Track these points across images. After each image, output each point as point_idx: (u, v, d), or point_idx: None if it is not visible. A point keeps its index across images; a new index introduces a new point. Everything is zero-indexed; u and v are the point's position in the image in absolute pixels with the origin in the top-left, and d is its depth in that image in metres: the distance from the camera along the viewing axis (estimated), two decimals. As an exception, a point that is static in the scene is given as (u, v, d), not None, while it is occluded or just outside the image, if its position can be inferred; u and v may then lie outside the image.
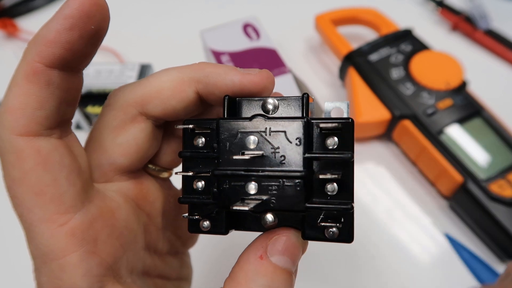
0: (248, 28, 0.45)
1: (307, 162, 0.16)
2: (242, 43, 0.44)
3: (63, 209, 0.15)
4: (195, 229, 0.18)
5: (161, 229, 0.21)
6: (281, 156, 0.16)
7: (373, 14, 0.49)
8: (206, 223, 0.18)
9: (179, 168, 0.22)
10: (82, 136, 0.18)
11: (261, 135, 0.16)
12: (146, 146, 0.19)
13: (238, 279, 0.16)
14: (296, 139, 0.16)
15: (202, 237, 0.25)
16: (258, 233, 0.18)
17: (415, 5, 0.57)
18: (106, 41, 0.21)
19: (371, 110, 0.40)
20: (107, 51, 0.50)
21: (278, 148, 0.16)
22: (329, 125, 0.16)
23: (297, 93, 0.40)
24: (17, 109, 0.14)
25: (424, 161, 0.39)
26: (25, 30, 0.54)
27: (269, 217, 0.17)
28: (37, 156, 0.15)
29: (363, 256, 0.36)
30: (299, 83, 0.42)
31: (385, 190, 0.40)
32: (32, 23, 0.56)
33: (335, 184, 0.16)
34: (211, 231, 0.18)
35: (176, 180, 0.23)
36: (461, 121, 0.38)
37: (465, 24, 0.52)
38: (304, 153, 0.16)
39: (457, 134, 0.37)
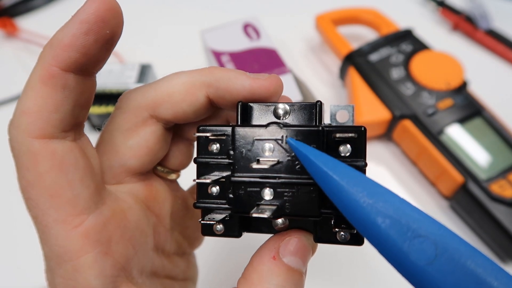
0: (248, 28, 0.45)
1: None
2: (242, 43, 0.44)
3: (77, 210, 0.15)
4: (209, 232, 0.18)
5: (169, 230, 0.21)
6: (296, 164, 0.16)
7: (374, 14, 0.48)
8: (220, 227, 0.18)
9: (188, 170, 0.22)
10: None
11: (277, 143, 0.17)
12: (156, 148, 0.19)
13: (252, 279, 0.16)
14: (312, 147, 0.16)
15: (208, 238, 0.25)
16: (268, 235, 0.18)
17: (416, 5, 0.57)
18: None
19: (371, 110, 0.40)
20: (107, 51, 0.50)
21: (294, 155, 0.17)
22: (345, 134, 0.16)
23: (297, 93, 0.40)
24: (33, 112, 0.15)
25: (425, 161, 0.39)
26: (24, 30, 0.54)
27: (280, 219, 0.17)
28: (52, 159, 0.15)
29: (363, 256, 0.36)
30: (299, 83, 0.42)
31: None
32: (31, 23, 0.56)
33: None
34: (225, 234, 0.18)
35: (183, 181, 0.23)
36: (462, 121, 0.38)
37: (466, 24, 0.52)
38: None
39: (458, 134, 0.37)
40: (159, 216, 0.20)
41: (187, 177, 0.22)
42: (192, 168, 0.20)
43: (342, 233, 0.17)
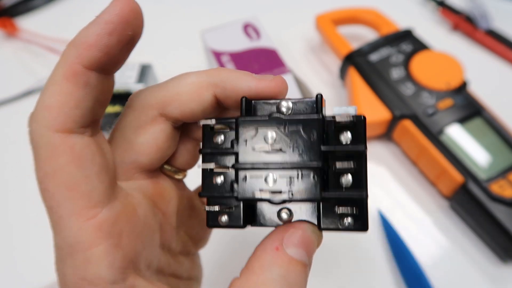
0: (249, 28, 0.45)
1: (323, 155, 0.17)
2: (242, 43, 0.44)
3: (92, 204, 0.16)
4: (214, 223, 0.18)
5: (175, 228, 0.21)
6: (298, 150, 0.17)
7: (374, 14, 0.48)
8: (225, 218, 0.18)
9: (194, 172, 0.22)
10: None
11: (279, 131, 0.17)
12: (165, 146, 0.20)
13: (254, 269, 0.16)
14: (312, 135, 0.17)
15: (213, 239, 0.25)
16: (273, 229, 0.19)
17: (416, 5, 0.57)
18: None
19: (371, 110, 0.40)
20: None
21: (295, 143, 0.17)
22: (345, 119, 0.17)
23: (297, 93, 0.40)
24: (55, 107, 0.15)
25: (425, 161, 0.39)
26: (24, 30, 0.54)
27: (284, 214, 0.18)
28: (71, 153, 0.15)
29: (363, 256, 0.36)
30: (299, 83, 0.42)
31: (385, 190, 0.40)
32: (31, 23, 0.56)
33: (349, 175, 0.17)
34: (229, 225, 0.18)
35: (189, 182, 0.23)
36: (462, 121, 0.38)
37: (466, 24, 0.52)
38: (320, 147, 0.17)
39: (458, 134, 0.37)
40: (166, 214, 0.21)
41: (194, 180, 0.22)
42: (197, 170, 0.20)
43: (346, 219, 0.17)
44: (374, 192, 0.39)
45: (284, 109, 0.18)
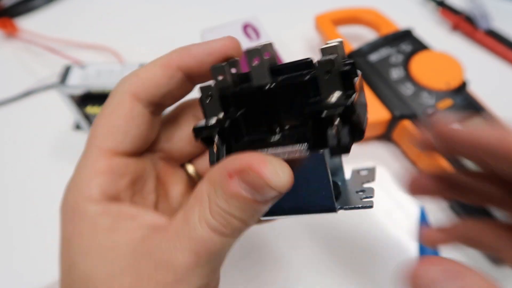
0: (248, 28, 0.45)
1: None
2: (242, 43, 0.44)
3: (117, 151, 0.20)
4: (199, 133, 0.19)
5: (174, 211, 0.23)
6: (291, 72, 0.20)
7: (373, 14, 0.49)
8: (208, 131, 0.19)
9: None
10: (82, 136, 0.18)
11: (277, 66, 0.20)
12: (188, 139, 0.23)
13: (205, 181, 0.17)
14: (305, 69, 0.19)
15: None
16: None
17: (415, 5, 0.57)
18: (106, 41, 0.22)
19: (371, 110, 0.40)
20: (107, 51, 0.51)
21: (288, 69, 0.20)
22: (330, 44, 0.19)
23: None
24: (142, 79, 0.20)
25: (425, 162, 0.39)
26: (24, 30, 0.54)
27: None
28: (130, 112, 0.20)
29: (363, 256, 0.36)
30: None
31: (385, 190, 0.40)
32: (31, 23, 0.56)
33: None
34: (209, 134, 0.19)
35: None
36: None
37: (466, 24, 0.52)
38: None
39: (458, 134, 0.37)
40: (166, 195, 0.23)
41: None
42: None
43: (335, 126, 0.16)
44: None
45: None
